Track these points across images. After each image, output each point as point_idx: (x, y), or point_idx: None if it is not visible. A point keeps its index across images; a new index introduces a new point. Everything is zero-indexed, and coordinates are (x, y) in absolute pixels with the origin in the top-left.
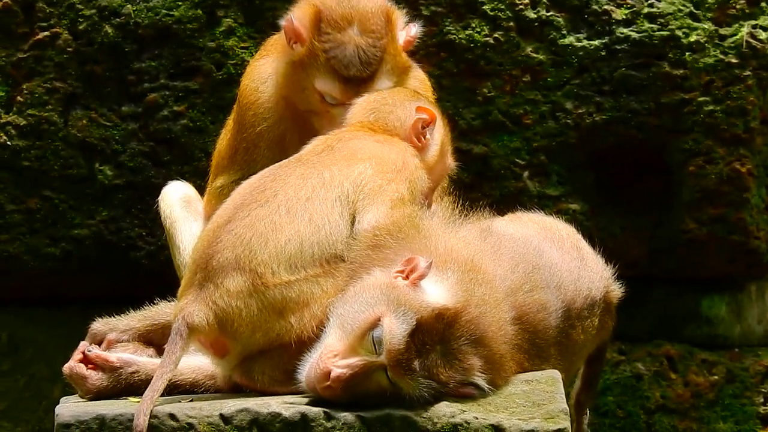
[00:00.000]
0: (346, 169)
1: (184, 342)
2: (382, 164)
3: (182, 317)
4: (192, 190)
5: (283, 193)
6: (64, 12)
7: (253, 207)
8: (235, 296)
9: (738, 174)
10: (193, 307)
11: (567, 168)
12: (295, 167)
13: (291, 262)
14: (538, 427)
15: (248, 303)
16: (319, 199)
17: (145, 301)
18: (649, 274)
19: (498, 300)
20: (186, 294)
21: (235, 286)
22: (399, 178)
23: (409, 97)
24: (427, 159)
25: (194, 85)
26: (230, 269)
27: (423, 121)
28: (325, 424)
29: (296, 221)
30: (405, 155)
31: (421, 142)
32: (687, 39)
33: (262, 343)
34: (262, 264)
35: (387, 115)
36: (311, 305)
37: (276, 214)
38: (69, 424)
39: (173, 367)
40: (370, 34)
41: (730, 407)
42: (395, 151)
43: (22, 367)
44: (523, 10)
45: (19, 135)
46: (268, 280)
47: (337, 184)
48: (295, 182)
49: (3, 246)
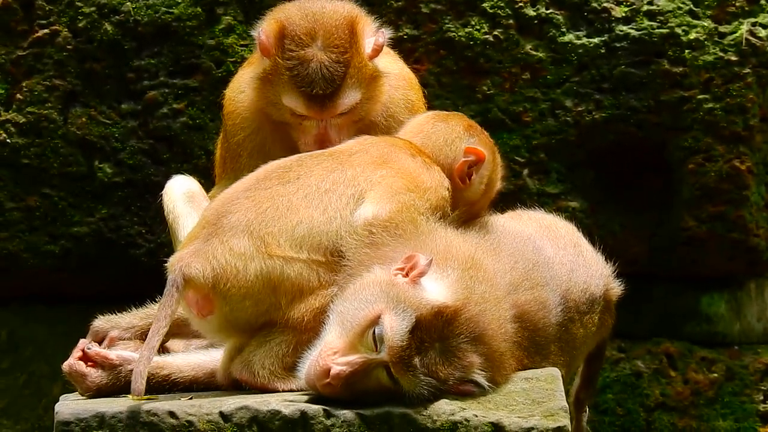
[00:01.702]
0: (369, 172)
1: (179, 293)
2: (408, 177)
3: (180, 267)
4: (196, 184)
5: (305, 178)
6: (63, 10)
7: (275, 182)
8: (236, 256)
9: (737, 172)
10: (192, 258)
11: (567, 166)
12: (324, 159)
13: (298, 241)
14: (538, 424)
15: (247, 266)
16: (337, 194)
17: (145, 298)
18: (648, 271)
19: (498, 298)
20: (187, 245)
21: (239, 247)
22: (420, 195)
23: (461, 135)
24: (469, 196)
25: (194, 83)
26: (239, 230)
27: (470, 163)
28: (325, 422)
29: (311, 208)
30: (438, 182)
31: (465, 184)
32: (686, 36)
33: (249, 313)
34: (270, 234)
35: (436, 149)
36: (305, 293)
37: (294, 195)
38: (68, 421)
39: (169, 321)
40: (333, 49)
41: (729, 405)
42: (428, 175)
43: (21, 365)
44: (523, 7)
45: (18, 132)
46: (272, 249)
47: (356, 183)
48: (320, 172)
49: (2, 244)
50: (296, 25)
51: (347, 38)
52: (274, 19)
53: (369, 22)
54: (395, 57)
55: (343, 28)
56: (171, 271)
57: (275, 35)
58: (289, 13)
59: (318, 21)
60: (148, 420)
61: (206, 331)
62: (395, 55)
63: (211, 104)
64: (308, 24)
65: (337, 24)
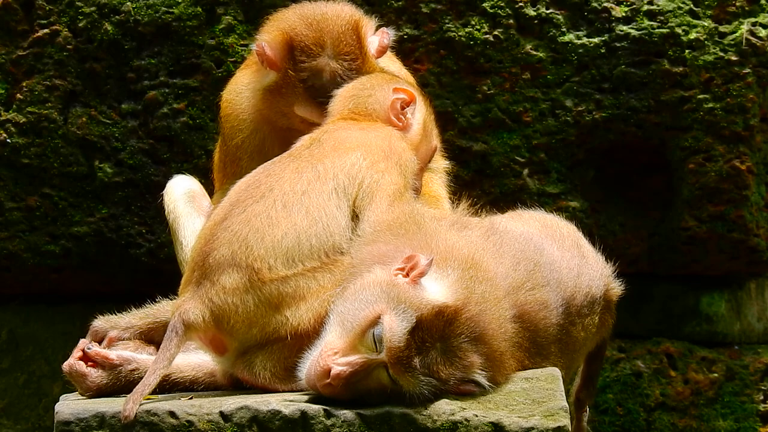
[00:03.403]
0: (338, 161)
1: (179, 339)
2: (372, 152)
3: (178, 314)
4: (197, 184)
5: (278, 187)
6: (63, 9)
7: (248, 203)
8: (231, 293)
9: (738, 171)
10: (189, 305)
11: (567, 165)
12: (288, 162)
13: (288, 255)
14: (538, 424)
15: (244, 299)
16: (315, 192)
17: (145, 298)
18: (648, 271)
19: (498, 298)
20: (184, 292)
21: (231, 283)
22: (390, 166)
23: (387, 80)
24: (411, 138)
25: (194, 83)
26: (226, 266)
27: (402, 101)
28: (325, 422)
29: (293, 215)
30: (390, 139)
31: (402, 122)
32: (687, 36)
33: (259, 338)
34: (258, 259)
35: (366, 100)
36: (307, 299)
37: (272, 208)
38: (69, 421)
39: (167, 364)
40: (344, 56)
41: (729, 405)
42: (381, 137)
43: (22, 365)
44: (523, 7)
45: (18, 132)
46: (264, 275)
47: (332, 176)
48: (290, 176)
49: (3, 243)
50: (303, 35)
51: (355, 43)
52: (277, 30)
53: (370, 23)
54: (391, 56)
55: (350, 34)
56: (171, 317)
57: (282, 47)
58: (291, 22)
59: (324, 29)
60: (148, 420)
61: (226, 366)
62: (392, 56)
63: (211, 104)
64: (315, 33)
65: (344, 30)
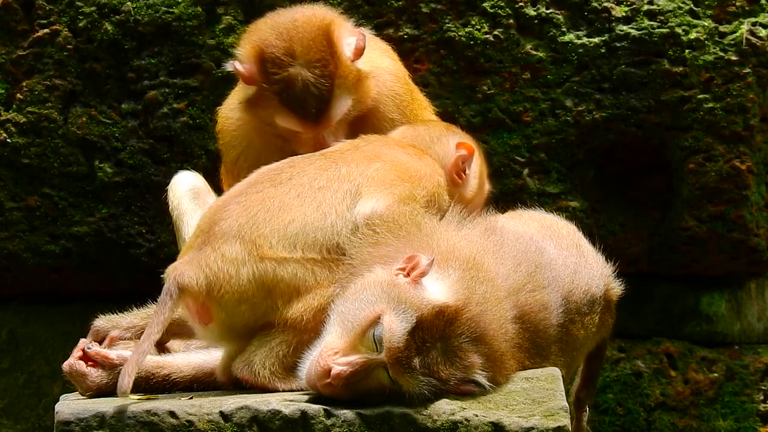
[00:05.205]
0: (363, 167)
1: (173, 303)
2: (402, 168)
3: (174, 277)
4: (201, 181)
5: (298, 179)
6: (63, 9)
7: (266, 186)
8: (228, 262)
9: (738, 171)
10: (186, 267)
11: (567, 165)
12: (316, 159)
13: (291, 240)
14: (538, 424)
15: (239, 271)
16: (331, 190)
17: (145, 298)
18: (648, 271)
19: (499, 298)
20: (184, 255)
21: (231, 253)
22: (416, 184)
23: (446, 132)
24: (467, 194)
25: (194, 83)
26: (231, 236)
27: (463, 158)
28: (325, 422)
29: (304, 205)
30: (432, 168)
31: (462, 179)
32: (687, 36)
33: (247, 318)
34: (261, 237)
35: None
36: (302, 293)
37: (287, 195)
38: (69, 421)
39: (161, 328)
40: (315, 64)
41: (729, 405)
42: (422, 163)
43: (22, 365)
44: (523, 7)
45: (18, 132)
46: (264, 252)
47: (351, 179)
48: (313, 172)
49: (3, 243)
50: (273, 47)
51: (326, 49)
52: (249, 44)
53: (344, 24)
54: (384, 51)
55: (319, 40)
56: (166, 280)
57: (255, 61)
58: (262, 34)
59: (293, 38)
60: (148, 420)
61: (209, 339)
62: (387, 50)
63: (211, 104)
64: (284, 43)
65: (313, 36)
